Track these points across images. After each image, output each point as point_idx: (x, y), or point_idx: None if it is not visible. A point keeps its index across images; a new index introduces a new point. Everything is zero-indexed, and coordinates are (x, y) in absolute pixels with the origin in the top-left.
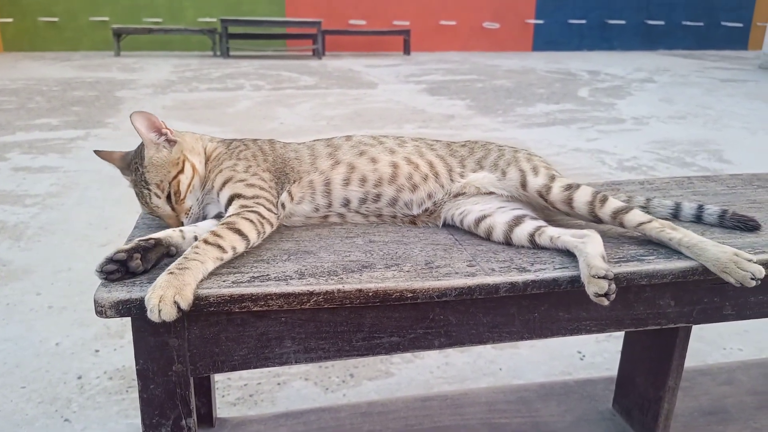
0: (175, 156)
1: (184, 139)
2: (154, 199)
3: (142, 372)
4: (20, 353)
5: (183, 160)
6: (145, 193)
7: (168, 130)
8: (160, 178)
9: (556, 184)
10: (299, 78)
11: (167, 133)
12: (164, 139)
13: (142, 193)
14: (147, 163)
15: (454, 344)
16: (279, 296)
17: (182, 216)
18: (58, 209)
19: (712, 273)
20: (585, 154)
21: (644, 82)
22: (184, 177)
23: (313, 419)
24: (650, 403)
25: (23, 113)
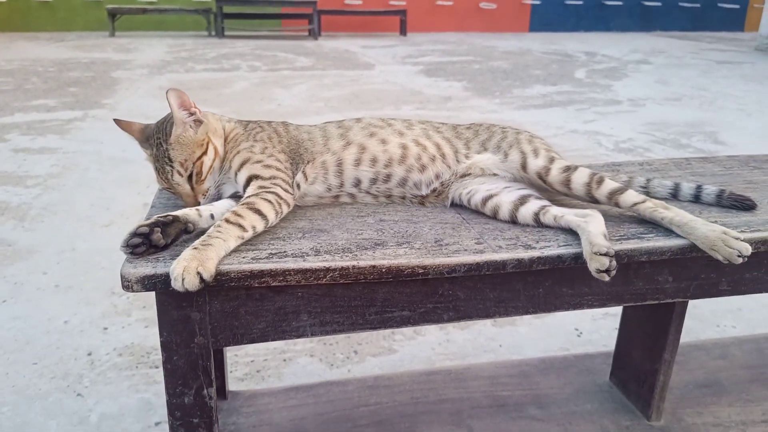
0: (200, 137)
1: (209, 120)
2: (176, 176)
3: (166, 344)
4: (30, 331)
5: (207, 142)
6: (167, 169)
7: (197, 110)
8: (185, 157)
9: (555, 166)
10: (295, 59)
11: (196, 113)
12: (193, 119)
13: (164, 170)
14: (173, 141)
15: (462, 318)
16: (297, 272)
17: (200, 196)
18: (60, 190)
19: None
20: (582, 136)
21: (640, 64)
22: (207, 159)
23: (322, 392)
24: (646, 376)
25: (20, 94)
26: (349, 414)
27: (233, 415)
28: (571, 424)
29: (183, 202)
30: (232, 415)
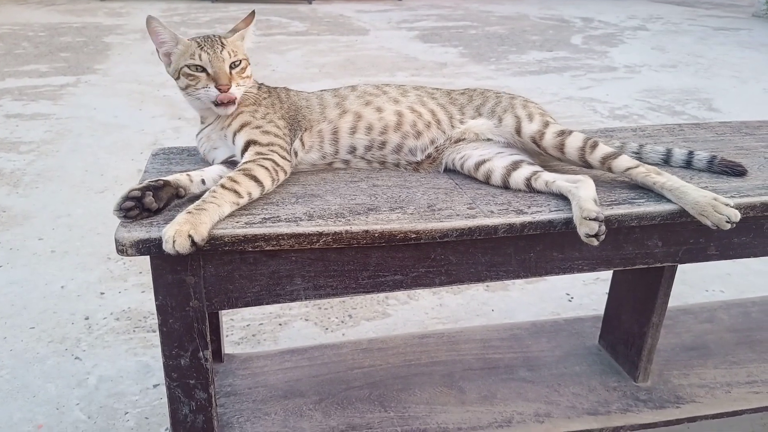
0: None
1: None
2: (224, 54)
3: (162, 307)
4: (27, 296)
5: (248, 62)
6: (217, 47)
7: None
8: (234, 48)
9: (549, 130)
10: (289, 23)
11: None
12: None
13: (215, 47)
14: (231, 39)
15: (453, 282)
16: (290, 236)
17: (233, 83)
18: (54, 156)
19: None
20: (577, 103)
21: (637, 30)
22: (247, 66)
23: (317, 355)
24: (634, 339)
25: (11, 59)
26: (343, 376)
27: (229, 377)
28: (560, 385)
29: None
30: (228, 377)
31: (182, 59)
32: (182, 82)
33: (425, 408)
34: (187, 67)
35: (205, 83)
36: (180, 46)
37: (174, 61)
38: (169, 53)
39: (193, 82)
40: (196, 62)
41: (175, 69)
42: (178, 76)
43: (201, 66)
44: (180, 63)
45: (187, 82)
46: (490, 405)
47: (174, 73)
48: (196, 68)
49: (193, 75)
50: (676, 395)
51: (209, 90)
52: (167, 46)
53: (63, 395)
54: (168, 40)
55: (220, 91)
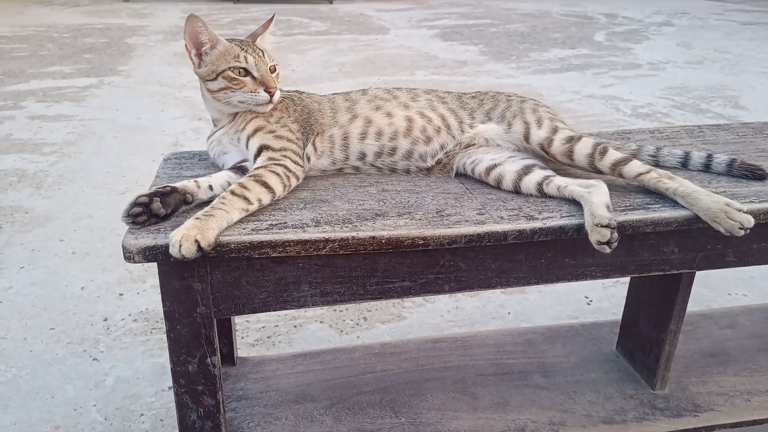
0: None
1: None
2: (266, 58)
3: (169, 313)
4: (47, 297)
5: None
6: (259, 53)
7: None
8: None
9: (558, 137)
10: (310, 23)
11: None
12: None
13: (258, 54)
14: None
15: (463, 289)
16: (296, 243)
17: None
18: (76, 158)
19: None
20: (599, 101)
21: (662, 26)
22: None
23: (329, 359)
24: (652, 346)
25: (35, 61)
26: (355, 380)
27: (241, 381)
28: (575, 392)
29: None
30: (241, 380)
31: (223, 61)
32: (219, 84)
33: (437, 414)
34: (230, 70)
35: (252, 87)
36: (219, 47)
37: (211, 63)
38: (204, 54)
39: (235, 86)
40: (242, 65)
41: (213, 71)
42: (215, 78)
43: (246, 69)
44: (221, 65)
45: (226, 84)
46: (503, 412)
47: (210, 75)
48: (239, 71)
49: (237, 79)
50: (694, 403)
51: (258, 94)
52: (205, 47)
53: (81, 396)
54: (207, 42)
55: (270, 94)
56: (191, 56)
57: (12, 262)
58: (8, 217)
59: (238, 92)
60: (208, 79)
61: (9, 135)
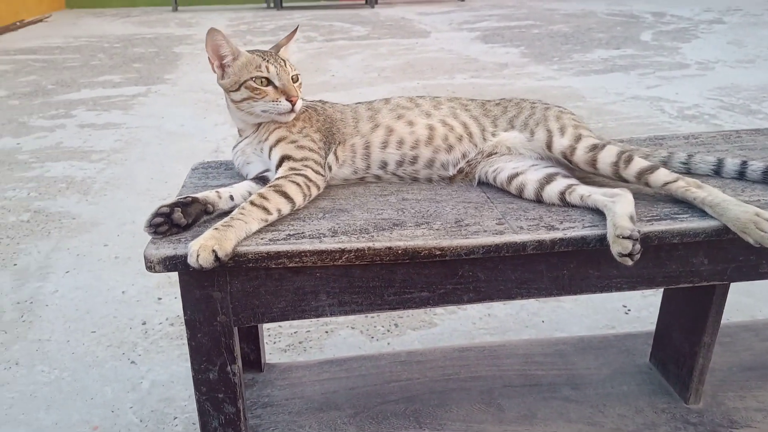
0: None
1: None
2: (287, 67)
3: (190, 322)
4: (90, 300)
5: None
6: (281, 63)
7: None
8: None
9: (581, 145)
10: (351, 28)
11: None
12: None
13: (280, 64)
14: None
15: (482, 299)
16: (313, 253)
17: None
18: (122, 164)
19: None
20: (644, 102)
21: (713, 24)
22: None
23: (355, 366)
24: (685, 358)
25: (87, 71)
26: (380, 389)
27: (268, 387)
28: (606, 405)
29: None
30: (267, 387)
31: (245, 72)
32: (241, 94)
33: (461, 426)
34: (252, 80)
35: (274, 96)
36: (241, 58)
37: (233, 74)
38: (226, 66)
39: (257, 95)
40: (263, 74)
41: (236, 81)
42: (238, 88)
43: (268, 79)
44: (243, 76)
45: (249, 94)
46: (529, 425)
47: (233, 86)
48: (261, 81)
49: (259, 89)
50: (729, 419)
51: (280, 103)
52: (227, 59)
53: (118, 398)
54: (228, 54)
55: (292, 103)
56: (214, 68)
57: (58, 267)
58: (56, 222)
59: (260, 102)
60: (231, 90)
61: (60, 143)
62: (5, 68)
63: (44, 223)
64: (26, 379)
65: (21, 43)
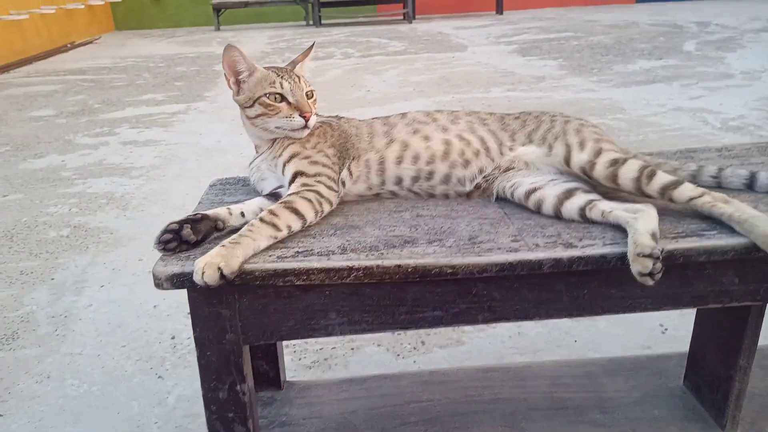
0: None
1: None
2: (302, 83)
3: (199, 340)
4: (123, 314)
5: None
6: (295, 79)
7: None
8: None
9: (601, 160)
10: (388, 44)
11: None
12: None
13: (294, 80)
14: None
15: (498, 319)
16: (320, 271)
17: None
18: (160, 180)
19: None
20: (686, 114)
21: (760, 32)
22: (316, 96)
23: (375, 386)
24: (720, 382)
25: (132, 89)
26: (399, 410)
27: (286, 406)
28: (635, 430)
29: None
30: (285, 405)
31: (259, 88)
32: (256, 110)
33: None
34: (266, 96)
35: (287, 112)
36: (256, 74)
37: (248, 90)
38: (241, 82)
39: (271, 111)
40: (277, 91)
41: (250, 98)
42: (252, 104)
43: (281, 95)
44: (257, 92)
45: (263, 110)
46: None
47: (248, 102)
48: (275, 97)
49: (273, 105)
50: None
51: (293, 119)
52: (243, 75)
53: (144, 413)
54: (244, 70)
55: (305, 119)
56: (230, 84)
57: (94, 281)
58: (95, 237)
59: (274, 118)
60: (246, 106)
61: (102, 160)
62: (55, 88)
63: (83, 238)
64: (57, 392)
65: (71, 64)
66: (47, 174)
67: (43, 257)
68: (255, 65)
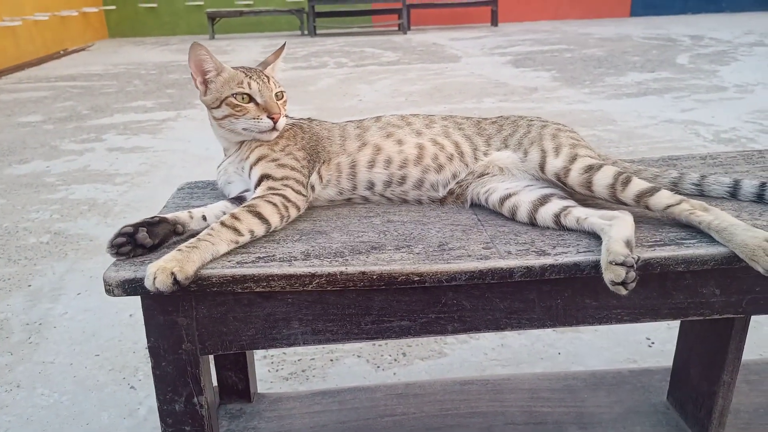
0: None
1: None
2: (271, 84)
3: (154, 349)
4: (97, 323)
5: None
6: (264, 79)
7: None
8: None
9: (576, 166)
10: (382, 54)
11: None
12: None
13: (263, 80)
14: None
15: (468, 330)
16: (281, 277)
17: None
18: (145, 187)
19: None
20: (678, 126)
21: (753, 46)
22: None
23: (349, 398)
24: (704, 398)
25: (122, 96)
26: (372, 424)
27: (255, 419)
28: None
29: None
30: (254, 418)
31: (227, 88)
32: (223, 111)
33: None
34: (234, 97)
35: (255, 113)
36: (224, 74)
37: (215, 90)
38: (209, 81)
39: (238, 112)
40: (245, 91)
41: (217, 98)
42: (219, 105)
43: (249, 95)
44: (224, 92)
45: (230, 111)
46: None
47: (215, 102)
48: (243, 98)
49: (240, 105)
50: None
51: (261, 121)
52: (210, 74)
53: (113, 424)
54: (212, 69)
55: (274, 120)
56: (197, 84)
57: (71, 288)
58: (74, 244)
59: (241, 119)
60: (213, 107)
61: (87, 166)
62: (44, 94)
63: (62, 245)
64: (25, 402)
65: (62, 71)
66: (31, 180)
67: (21, 263)
68: (223, 65)
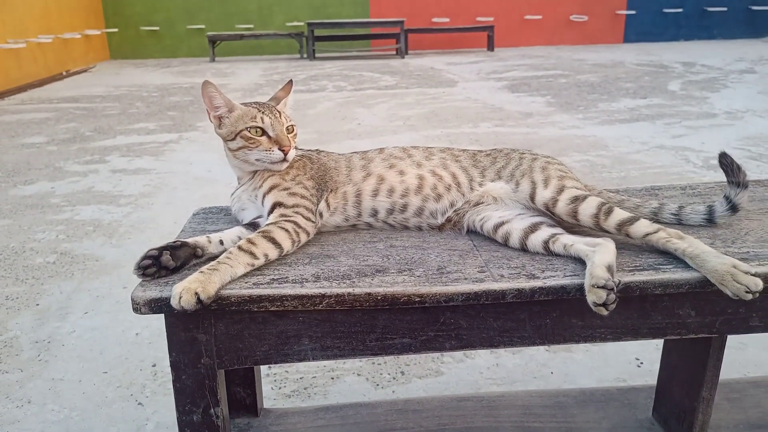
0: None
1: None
2: (282, 118)
3: (175, 364)
4: (104, 341)
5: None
6: (276, 114)
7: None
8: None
9: (563, 197)
10: (380, 78)
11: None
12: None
13: (275, 115)
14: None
15: (465, 347)
16: (294, 298)
17: (290, 143)
18: (148, 209)
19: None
20: (668, 152)
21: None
22: (297, 131)
23: (350, 414)
24: (686, 414)
25: (124, 118)
26: None
27: None
28: None
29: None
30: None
31: (241, 122)
32: (237, 143)
33: None
34: (248, 130)
35: (267, 146)
36: (237, 111)
37: (230, 124)
38: (222, 116)
39: (252, 144)
40: (258, 125)
41: (232, 131)
42: (234, 137)
43: (262, 129)
44: (239, 126)
45: (244, 143)
46: None
47: (230, 135)
48: (256, 131)
49: (253, 138)
50: None
51: (273, 152)
52: (221, 110)
53: None
54: (222, 105)
55: (284, 152)
56: (210, 118)
57: (77, 308)
58: (80, 264)
59: (254, 150)
60: (228, 139)
61: (91, 187)
62: (47, 116)
63: (69, 265)
64: (36, 418)
65: (65, 92)
66: (36, 200)
67: (29, 283)
68: (233, 102)
